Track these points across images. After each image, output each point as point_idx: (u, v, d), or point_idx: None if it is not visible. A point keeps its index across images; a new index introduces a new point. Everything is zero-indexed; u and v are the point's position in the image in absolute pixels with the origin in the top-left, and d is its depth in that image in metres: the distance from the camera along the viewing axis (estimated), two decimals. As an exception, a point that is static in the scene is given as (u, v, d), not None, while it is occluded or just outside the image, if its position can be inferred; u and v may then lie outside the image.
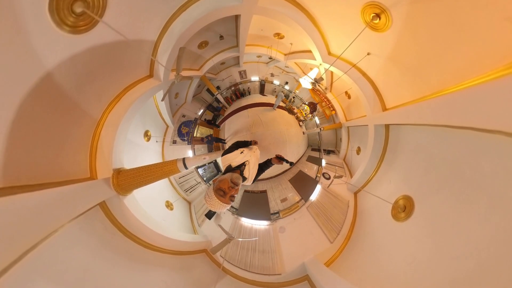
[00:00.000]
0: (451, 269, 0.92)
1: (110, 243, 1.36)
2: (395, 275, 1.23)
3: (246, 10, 2.04)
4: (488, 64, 0.86)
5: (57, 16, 0.88)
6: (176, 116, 3.30)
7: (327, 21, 1.94)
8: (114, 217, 1.44)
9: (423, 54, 1.28)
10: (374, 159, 2.09)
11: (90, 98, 1.35)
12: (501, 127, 0.73)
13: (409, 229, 1.35)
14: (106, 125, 1.51)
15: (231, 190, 0.86)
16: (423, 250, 1.15)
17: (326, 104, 3.45)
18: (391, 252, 1.42)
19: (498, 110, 0.74)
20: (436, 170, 1.28)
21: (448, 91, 1.09)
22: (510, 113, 0.70)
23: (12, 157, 0.86)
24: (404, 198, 1.50)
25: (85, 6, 0.95)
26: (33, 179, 0.95)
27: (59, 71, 1.01)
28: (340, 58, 2.01)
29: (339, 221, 2.23)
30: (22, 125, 0.89)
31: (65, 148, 1.22)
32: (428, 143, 1.42)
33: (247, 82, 4.05)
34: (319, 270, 1.66)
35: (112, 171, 1.44)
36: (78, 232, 1.13)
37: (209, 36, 2.56)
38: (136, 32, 1.43)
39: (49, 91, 1.01)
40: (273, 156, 1.21)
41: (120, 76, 1.59)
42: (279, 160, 1.17)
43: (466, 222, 0.95)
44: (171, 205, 2.59)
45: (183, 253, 1.90)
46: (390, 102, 1.84)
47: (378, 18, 1.41)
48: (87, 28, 1.04)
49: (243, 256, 2.21)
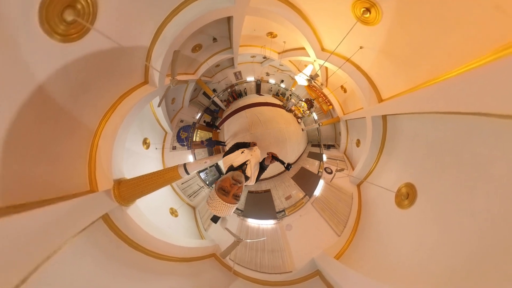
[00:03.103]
0: (459, 251, 0.95)
1: (116, 255, 1.32)
2: (404, 262, 1.25)
3: (238, 11, 2.05)
4: (477, 51, 0.89)
5: (47, 25, 0.85)
6: (174, 122, 3.27)
7: (319, 17, 1.97)
8: (118, 229, 1.40)
9: (414, 44, 1.31)
10: (374, 150, 2.12)
11: (85, 109, 1.31)
12: (493, 110, 0.75)
13: (414, 215, 1.38)
14: (103, 135, 1.48)
15: (233, 187, 0.80)
16: (430, 234, 1.17)
17: (323, 99, 3.49)
18: (398, 240, 1.44)
19: (489, 93, 0.77)
20: (435, 156, 1.32)
21: (440, 79, 1.13)
22: (500, 96, 0.73)
23: (8, 175, 0.82)
24: (406, 185, 1.53)
25: (75, 14, 0.93)
26: (32, 196, 0.91)
27: (52, 82, 0.98)
28: (333, 53, 2.04)
29: (345, 213, 2.25)
30: (16, 141, 0.85)
31: (63, 162, 1.18)
32: (425, 131, 1.46)
33: (243, 83, 4.06)
34: (330, 264, 1.67)
35: (113, 182, 1.41)
36: (82, 246, 1.09)
37: (203, 39, 2.56)
38: (129, 38, 1.41)
39: (42, 103, 0.98)
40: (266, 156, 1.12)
41: (114, 84, 1.56)
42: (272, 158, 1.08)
43: (469, 203, 0.98)
44: (176, 211, 2.55)
45: (192, 259, 1.87)
46: (385, 93, 1.89)
47: (369, 12, 1.45)
48: (79, 36, 1.01)
49: (253, 257, 2.20)
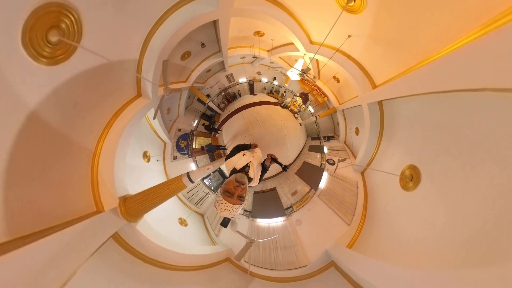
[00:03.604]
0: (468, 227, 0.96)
1: (132, 272, 1.32)
2: (416, 243, 1.27)
3: (223, 14, 2.03)
4: (465, 28, 0.90)
5: (32, 49, 0.83)
6: (172, 132, 3.24)
7: (304, 11, 1.96)
8: (130, 246, 1.40)
9: (402, 28, 1.32)
10: (373, 136, 2.14)
11: (81, 130, 1.30)
12: (486, 84, 0.76)
13: (420, 196, 1.39)
14: (103, 154, 1.46)
15: (237, 189, 0.84)
16: (438, 214, 1.19)
17: (317, 92, 3.50)
18: (408, 222, 1.46)
19: (480, 69, 0.78)
20: (435, 136, 1.33)
21: (432, 59, 1.14)
22: (490, 70, 0.73)
23: (12, 207, 0.81)
24: (410, 168, 1.55)
25: (60, 34, 0.91)
26: (38, 224, 0.90)
27: (44, 107, 0.97)
28: (322, 45, 2.03)
29: (352, 202, 2.27)
30: (16, 171, 0.84)
31: (66, 186, 1.16)
32: (422, 112, 1.47)
33: (236, 85, 4.04)
34: (343, 254, 1.68)
35: (118, 199, 1.40)
36: (96, 269, 1.08)
37: (191, 46, 2.54)
38: (117, 53, 1.40)
39: (37, 131, 0.96)
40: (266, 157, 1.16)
41: (108, 100, 1.54)
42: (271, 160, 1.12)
43: (474, 178, 0.99)
44: (185, 221, 2.54)
45: (207, 266, 1.87)
46: (378, 79, 1.89)
47: (353, 0, 1.45)
48: (66, 57, 0.99)
49: (267, 256, 2.21)
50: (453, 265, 0.94)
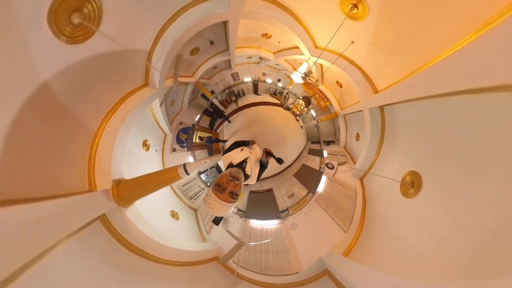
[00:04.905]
0: (470, 235, 0.90)
1: (114, 258, 1.26)
2: (416, 252, 1.19)
3: (234, 16, 2.15)
4: (463, 31, 0.93)
5: (55, 27, 0.89)
6: (174, 124, 3.29)
7: (310, 16, 2.06)
8: (116, 231, 1.35)
9: (403, 34, 1.36)
10: (374, 142, 2.11)
11: (87, 109, 1.33)
12: (484, 84, 0.76)
13: (421, 203, 1.34)
14: (104, 136, 1.48)
15: (230, 184, 0.75)
16: (439, 221, 1.13)
17: (320, 96, 3.55)
18: (407, 230, 1.38)
19: (479, 69, 0.79)
20: (436, 141, 1.31)
21: (431, 63, 1.16)
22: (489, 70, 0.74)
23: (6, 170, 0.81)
24: (411, 173, 1.50)
25: (82, 17, 0.97)
26: (29, 192, 0.89)
27: (56, 81, 1.00)
28: (326, 50, 2.11)
29: (350, 208, 2.19)
30: (17, 137, 0.85)
31: (62, 161, 1.17)
32: (423, 116, 1.46)
33: (240, 83, 4.15)
34: (338, 262, 1.59)
35: (112, 182, 1.38)
36: (78, 248, 1.04)
37: (200, 43, 2.65)
38: (131, 42, 1.46)
39: (45, 102, 0.99)
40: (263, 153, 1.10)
41: (116, 85, 1.59)
42: (267, 154, 1.07)
43: (476, 184, 0.95)
44: (177, 214, 2.48)
45: (194, 264, 1.79)
46: (380, 84, 1.92)
47: (356, 8, 1.52)
48: (84, 39, 1.05)
49: (257, 260, 2.10)
50: (455, 276, 0.87)
